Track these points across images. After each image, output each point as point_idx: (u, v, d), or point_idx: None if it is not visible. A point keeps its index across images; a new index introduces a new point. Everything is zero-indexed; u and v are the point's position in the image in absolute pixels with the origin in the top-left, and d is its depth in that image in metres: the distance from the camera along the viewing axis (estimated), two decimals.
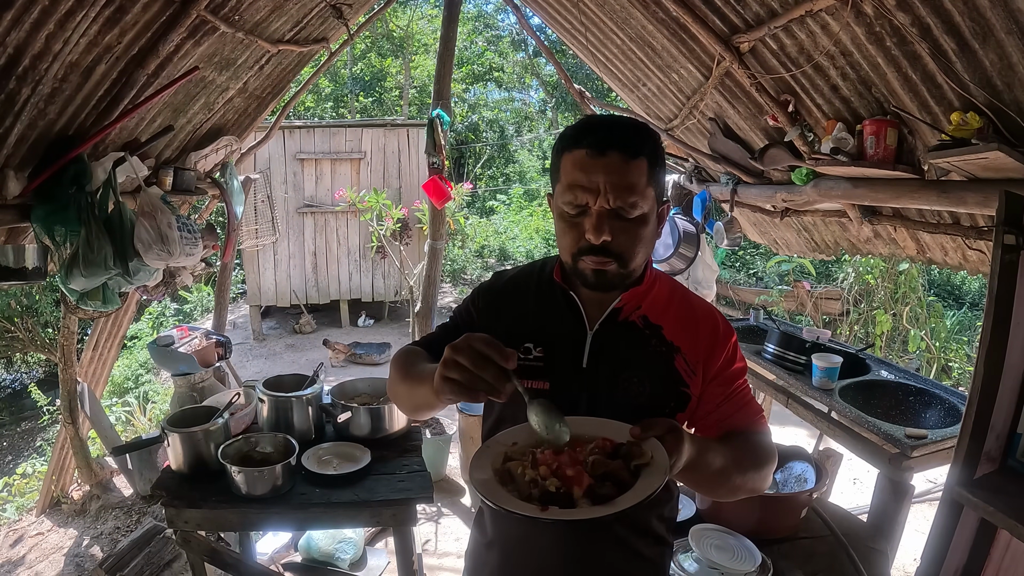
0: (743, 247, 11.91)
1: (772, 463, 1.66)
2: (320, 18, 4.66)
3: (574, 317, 1.66)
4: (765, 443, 1.67)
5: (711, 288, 5.09)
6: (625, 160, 1.45)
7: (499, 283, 1.83)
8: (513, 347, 1.45)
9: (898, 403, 3.45)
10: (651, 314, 1.66)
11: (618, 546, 1.67)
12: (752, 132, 3.98)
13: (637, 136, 1.50)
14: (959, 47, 2.35)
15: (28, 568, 4.62)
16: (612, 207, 1.47)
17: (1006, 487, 2.10)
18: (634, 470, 1.30)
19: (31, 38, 2.60)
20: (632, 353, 1.63)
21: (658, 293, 1.69)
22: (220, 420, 2.84)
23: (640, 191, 1.47)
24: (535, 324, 1.68)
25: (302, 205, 11.36)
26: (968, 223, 3.19)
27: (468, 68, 20.14)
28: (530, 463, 1.35)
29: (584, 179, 1.47)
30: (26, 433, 9.94)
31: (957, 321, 9.67)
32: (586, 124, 1.54)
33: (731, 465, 1.54)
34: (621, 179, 1.45)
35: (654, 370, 1.62)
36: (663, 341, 1.64)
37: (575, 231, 1.52)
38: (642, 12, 3.77)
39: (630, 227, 1.50)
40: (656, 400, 1.60)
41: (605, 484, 1.28)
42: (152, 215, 3.63)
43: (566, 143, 1.53)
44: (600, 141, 1.46)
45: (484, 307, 1.79)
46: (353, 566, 4.04)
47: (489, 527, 1.79)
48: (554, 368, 1.63)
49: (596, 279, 1.53)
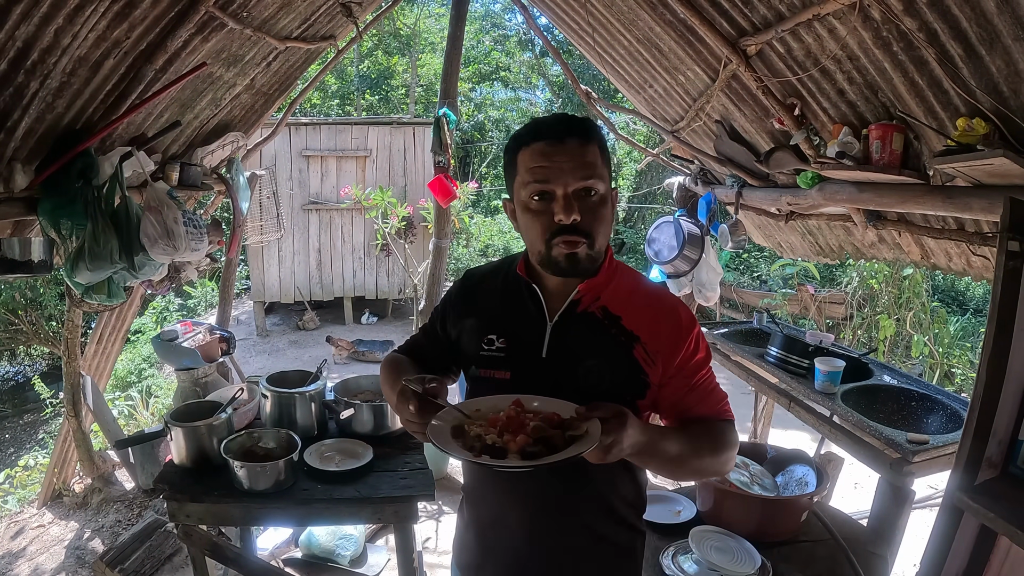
0: (747, 250, 11.92)
1: (731, 449, 1.72)
2: (328, 15, 4.66)
3: (536, 309, 1.73)
4: (725, 430, 1.74)
5: (715, 290, 5.09)
6: (582, 144, 1.57)
7: (469, 282, 1.93)
8: (478, 339, 1.75)
9: (900, 408, 3.45)
10: (611, 305, 1.71)
11: (584, 529, 1.76)
12: (758, 135, 3.98)
13: (588, 123, 1.61)
14: (966, 53, 2.35)
15: (29, 560, 4.63)
16: (578, 187, 1.56)
17: (1007, 493, 2.09)
18: (568, 439, 1.41)
19: (40, 32, 2.61)
20: (591, 343, 1.69)
21: (618, 284, 1.75)
22: (223, 415, 2.85)
23: (599, 172, 1.58)
24: (499, 317, 1.77)
25: (307, 202, 11.37)
26: (973, 229, 3.19)
27: (475, 67, 20.13)
28: (482, 424, 1.49)
29: (548, 166, 1.56)
30: (28, 425, 9.96)
31: (961, 327, 9.65)
32: (538, 121, 1.64)
33: (688, 452, 1.63)
34: (582, 161, 1.56)
35: (613, 359, 1.67)
36: (623, 331, 1.69)
37: (544, 217, 1.59)
38: (650, 14, 3.77)
39: (595, 207, 1.59)
40: (615, 388, 1.65)
41: (538, 446, 1.40)
42: (158, 210, 3.64)
43: (521, 141, 1.62)
44: (556, 132, 1.57)
45: (453, 307, 1.90)
46: (354, 563, 4.05)
47: (466, 511, 1.94)
48: (515, 358, 1.72)
49: (569, 263, 1.60)
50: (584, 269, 1.63)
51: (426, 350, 1.98)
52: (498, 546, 1.83)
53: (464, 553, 1.96)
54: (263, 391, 3.12)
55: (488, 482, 1.84)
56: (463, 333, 1.83)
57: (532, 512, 1.76)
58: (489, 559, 1.87)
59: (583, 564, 1.79)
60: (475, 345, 1.77)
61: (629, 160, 19.19)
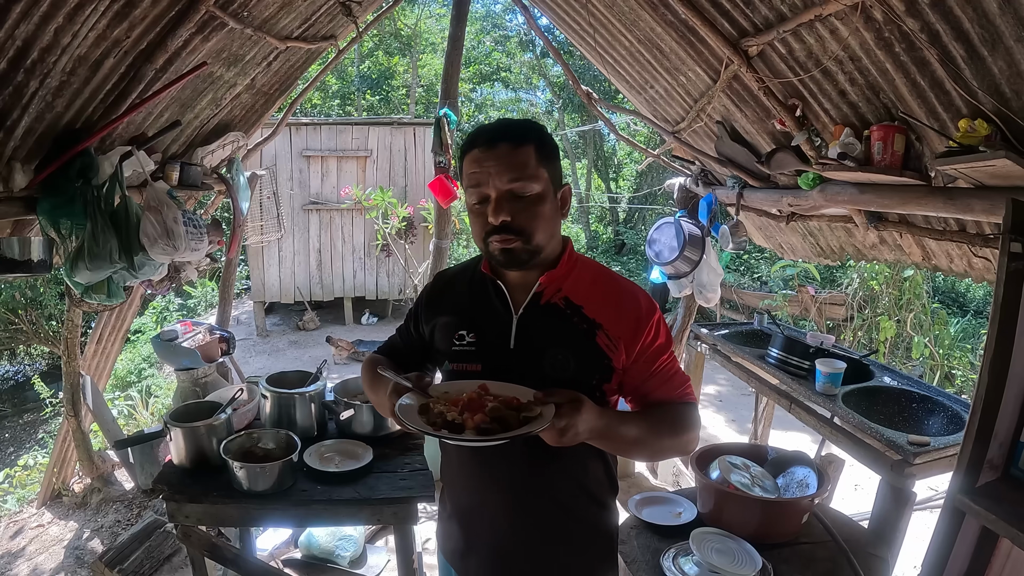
0: (747, 251, 11.92)
1: (691, 430, 1.84)
2: (328, 15, 4.66)
3: (501, 303, 1.85)
4: (686, 413, 1.86)
5: (716, 291, 5.08)
6: (512, 147, 1.67)
7: (438, 284, 2.07)
8: (449, 335, 1.86)
9: (901, 410, 3.45)
10: (572, 295, 1.82)
11: (558, 509, 1.87)
12: (759, 136, 3.97)
13: (523, 127, 1.73)
14: (968, 54, 2.34)
15: (28, 560, 4.63)
16: (506, 189, 1.67)
17: (1008, 495, 2.09)
18: (523, 420, 1.51)
19: (40, 31, 2.61)
20: (555, 332, 1.79)
21: (579, 276, 1.85)
22: (223, 415, 2.84)
23: (530, 172, 1.68)
24: (468, 313, 1.88)
25: (307, 202, 11.39)
26: (974, 230, 3.18)
27: (475, 68, 20.16)
28: (445, 404, 1.60)
29: (479, 171, 1.69)
30: (28, 425, 9.97)
31: (961, 328, 9.66)
32: (478, 129, 1.76)
33: (647, 434, 1.75)
34: (510, 164, 1.66)
35: (576, 346, 1.77)
36: (584, 319, 1.79)
37: (481, 219, 1.72)
38: (651, 14, 3.77)
39: (528, 206, 1.69)
40: (580, 374, 1.75)
41: (493, 424, 1.50)
42: (158, 209, 3.64)
43: (463, 149, 1.77)
44: (489, 139, 1.70)
45: (425, 307, 2.02)
46: (353, 563, 4.05)
47: (447, 500, 2.05)
48: (484, 351, 1.83)
49: (505, 257, 1.72)
50: (523, 261, 1.73)
51: (402, 350, 2.11)
52: (479, 530, 1.94)
53: (448, 541, 2.06)
54: (263, 392, 3.12)
55: (466, 469, 1.95)
56: (435, 331, 1.95)
57: (508, 495, 1.87)
58: (472, 544, 1.97)
59: (560, 543, 1.89)
60: (447, 341, 1.88)
61: (630, 161, 19.24)
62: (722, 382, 9.13)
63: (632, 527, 2.69)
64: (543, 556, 1.89)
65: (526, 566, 1.91)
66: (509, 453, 1.73)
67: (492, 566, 1.94)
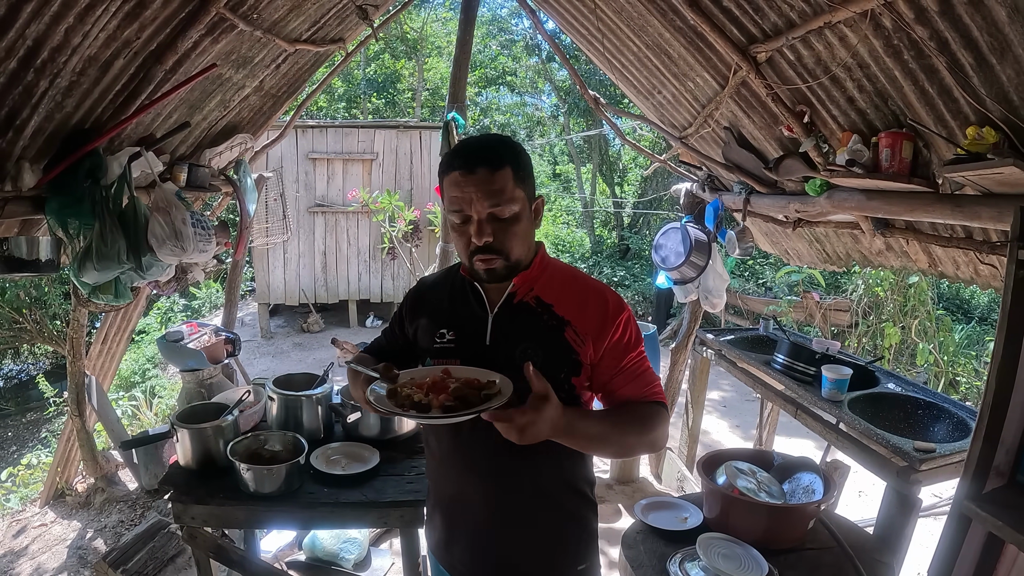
0: (752, 256, 11.93)
1: (658, 428, 1.89)
2: (337, 18, 4.67)
3: (478, 303, 1.97)
4: (652, 411, 1.90)
5: (721, 297, 5.08)
6: (490, 172, 1.76)
7: (422, 288, 2.20)
8: (431, 334, 2.00)
9: (907, 416, 3.45)
10: (543, 294, 1.93)
11: (537, 497, 1.98)
12: (767, 142, 3.97)
13: (499, 150, 1.80)
14: (976, 62, 2.34)
15: (31, 559, 4.64)
16: (487, 213, 1.77)
17: (1015, 502, 2.10)
18: (484, 398, 1.63)
19: (51, 31, 2.62)
20: (527, 328, 1.90)
21: (550, 277, 1.97)
22: (230, 417, 2.85)
23: (508, 196, 1.78)
24: (448, 313, 2.01)
25: (313, 204, 11.40)
26: (981, 237, 3.18)
27: (481, 71, 20.15)
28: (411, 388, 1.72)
29: (460, 195, 1.78)
30: (31, 424, 9.99)
31: (966, 335, 9.64)
32: (457, 150, 1.85)
33: (611, 431, 1.81)
34: (489, 189, 1.75)
35: (546, 341, 1.88)
36: (554, 316, 1.90)
37: (464, 237, 1.84)
38: (659, 20, 3.77)
39: (507, 226, 1.80)
40: (549, 367, 1.78)
41: (456, 402, 1.62)
42: (166, 211, 3.64)
43: (444, 168, 1.85)
44: (467, 162, 1.77)
45: (409, 309, 2.15)
46: (357, 566, 4.05)
47: (432, 492, 2.16)
48: (463, 347, 1.94)
49: (488, 275, 1.87)
50: (502, 276, 1.88)
51: (387, 350, 2.23)
52: (461, 519, 2.06)
53: (433, 533, 2.17)
54: (270, 394, 3.13)
55: (448, 460, 2.05)
56: (418, 331, 2.07)
57: (489, 483, 1.96)
58: (454, 533, 2.08)
59: (538, 530, 1.99)
60: (429, 339, 2.00)
61: (635, 166, 19.21)
62: (726, 387, 9.12)
63: (638, 532, 2.69)
64: (523, 544, 1.99)
65: (506, 554, 2.01)
66: (489, 442, 1.78)
67: (472, 555, 2.05)
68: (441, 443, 2.03)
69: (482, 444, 1.86)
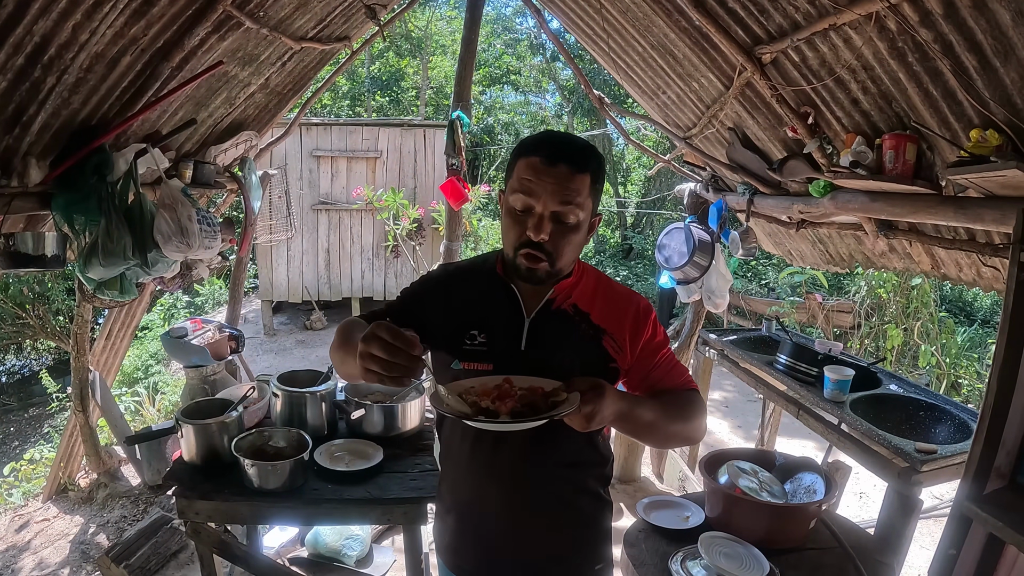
0: (756, 257, 11.92)
1: (700, 417, 1.91)
2: (343, 16, 4.69)
3: (512, 306, 1.90)
4: (692, 398, 1.93)
5: (724, 297, 5.08)
6: (571, 173, 1.69)
7: (446, 274, 2.06)
8: (460, 334, 1.88)
9: (908, 417, 3.45)
10: (580, 302, 1.90)
11: (555, 500, 1.95)
12: (771, 143, 3.97)
13: (586, 153, 1.74)
14: (981, 65, 2.35)
15: (33, 553, 4.66)
16: (554, 211, 1.70)
17: (1015, 503, 2.11)
18: (551, 405, 1.58)
19: (58, 27, 2.63)
20: (564, 337, 1.87)
21: (586, 284, 1.93)
22: (235, 413, 2.86)
23: (580, 202, 1.71)
24: (479, 313, 1.91)
25: (317, 202, 11.41)
26: (984, 240, 3.19)
27: (485, 70, 20.17)
28: (478, 394, 1.66)
29: (534, 182, 1.69)
30: (34, 419, 10.00)
31: (968, 338, 9.63)
32: (545, 136, 1.77)
33: (662, 417, 1.80)
34: (565, 188, 1.68)
35: (584, 351, 1.86)
36: (591, 325, 1.88)
37: (519, 227, 1.74)
38: (665, 20, 3.77)
39: (566, 231, 1.73)
40: (586, 375, 1.72)
41: (525, 409, 1.58)
42: (172, 207, 3.66)
43: (524, 149, 1.75)
44: (553, 152, 1.69)
45: (432, 293, 1.99)
46: (359, 563, 4.06)
47: (445, 497, 2.10)
48: (496, 352, 1.86)
49: (528, 275, 1.77)
50: (541, 280, 1.79)
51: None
52: (476, 523, 2.00)
53: (445, 535, 2.11)
54: (274, 390, 3.14)
55: (464, 464, 2.00)
56: (440, 321, 1.93)
57: (506, 487, 1.92)
58: (468, 537, 2.03)
59: (554, 532, 1.96)
60: (457, 340, 1.89)
61: (638, 166, 19.21)
62: (728, 388, 9.12)
63: (640, 530, 2.70)
64: (541, 548, 1.97)
65: (522, 558, 1.98)
66: (513, 446, 1.82)
67: (488, 559, 2.02)
68: (464, 446, 1.96)
69: (508, 452, 1.87)
